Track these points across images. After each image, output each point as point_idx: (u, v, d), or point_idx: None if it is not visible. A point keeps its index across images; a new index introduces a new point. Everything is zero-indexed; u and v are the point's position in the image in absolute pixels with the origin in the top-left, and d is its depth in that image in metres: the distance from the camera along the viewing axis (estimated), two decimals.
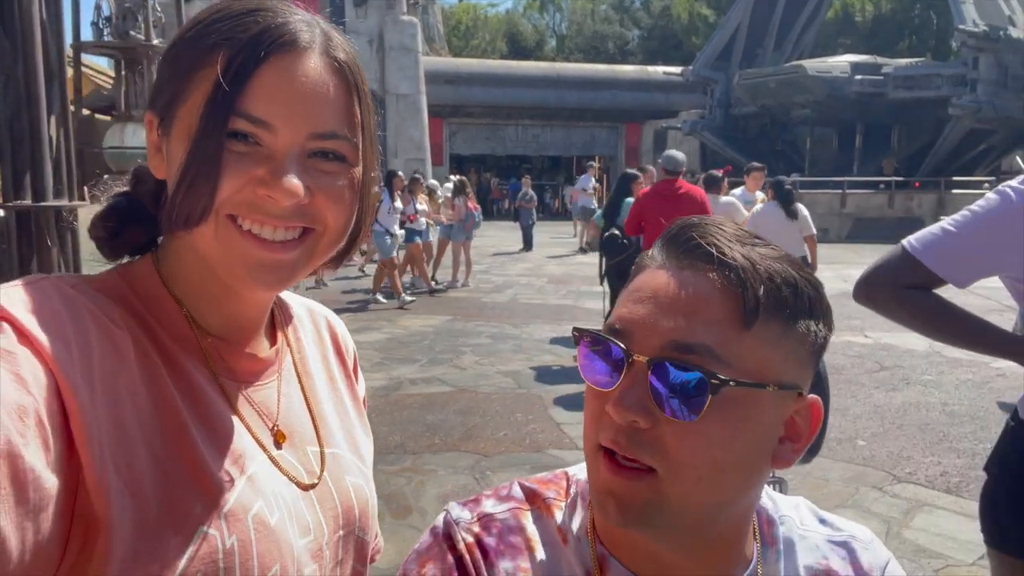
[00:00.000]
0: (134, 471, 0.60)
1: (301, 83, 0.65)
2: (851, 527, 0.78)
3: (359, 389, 0.92)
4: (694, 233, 0.64)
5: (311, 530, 0.73)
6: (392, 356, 7.11)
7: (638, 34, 52.62)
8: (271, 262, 0.67)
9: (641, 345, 0.61)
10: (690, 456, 0.60)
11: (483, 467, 4.40)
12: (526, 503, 0.74)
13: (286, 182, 0.64)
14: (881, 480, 4.27)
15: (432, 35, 33.30)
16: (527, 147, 31.67)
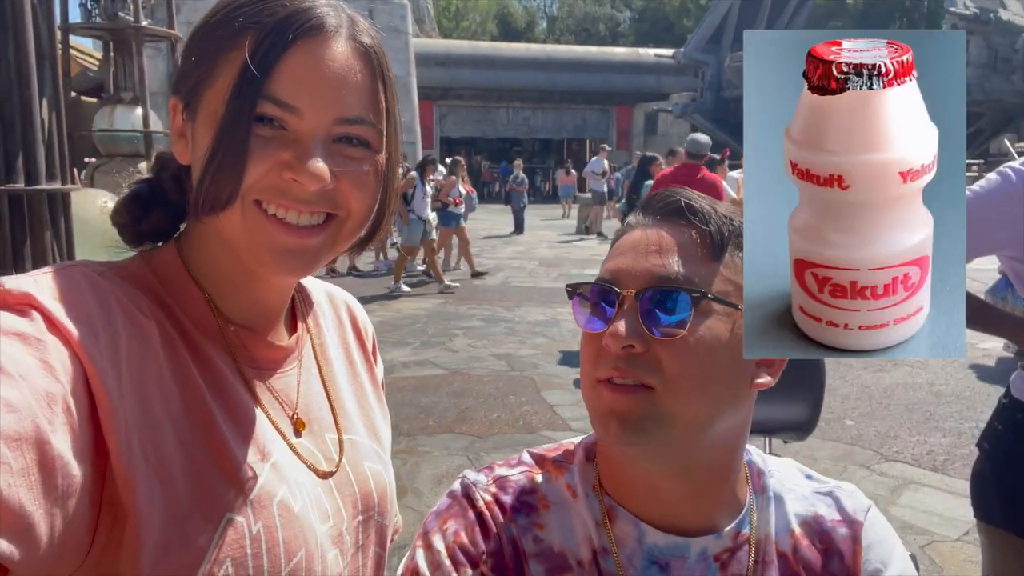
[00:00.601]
0: (162, 458, 0.61)
1: (328, 67, 0.65)
2: (834, 481, 0.84)
3: (378, 373, 0.92)
4: (665, 195, 0.75)
5: (330, 516, 0.74)
6: (385, 339, 7.13)
7: (629, 16, 52.34)
8: (296, 247, 0.67)
9: (627, 285, 0.70)
10: (682, 368, 0.68)
11: (477, 448, 4.45)
12: (536, 467, 0.79)
13: (312, 166, 0.64)
14: (869, 459, 4.34)
15: (422, 16, 33.02)
16: (518, 130, 31.56)
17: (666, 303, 0.68)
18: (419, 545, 0.75)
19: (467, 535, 0.73)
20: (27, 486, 0.50)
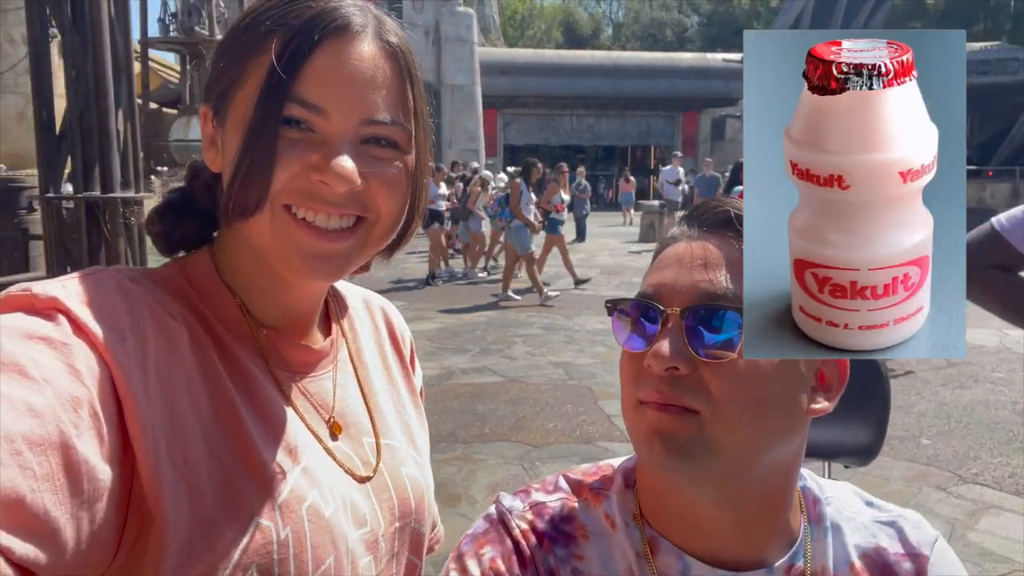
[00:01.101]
0: (190, 462, 0.61)
1: (354, 67, 0.65)
2: (898, 509, 0.78)
3: (416, 380, 0.91)
4: (711, 205, 0.70)
5: (367, 521, 0.73)
6: (445, 346, 7.17)
7: (697, 21, 51.63)
8: (326, 251, 0.66)
9: (671, 301, 0.65)
10: (731, 393, 0.63)
11: (532, 458, 4.41)
12: (573, 494, 0.75)
13: (340, 167, 0.63)
14: (945, 480, 4.12)
15: (488, 26, 33.33)
16: (581, 137, 31.47)
17: (713, 322, 0.63)
18: (453, 568, 0.72)
19: (504, 563, 0.70)
20: (52, 491, 0.50)
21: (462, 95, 25.00)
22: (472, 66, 25.15)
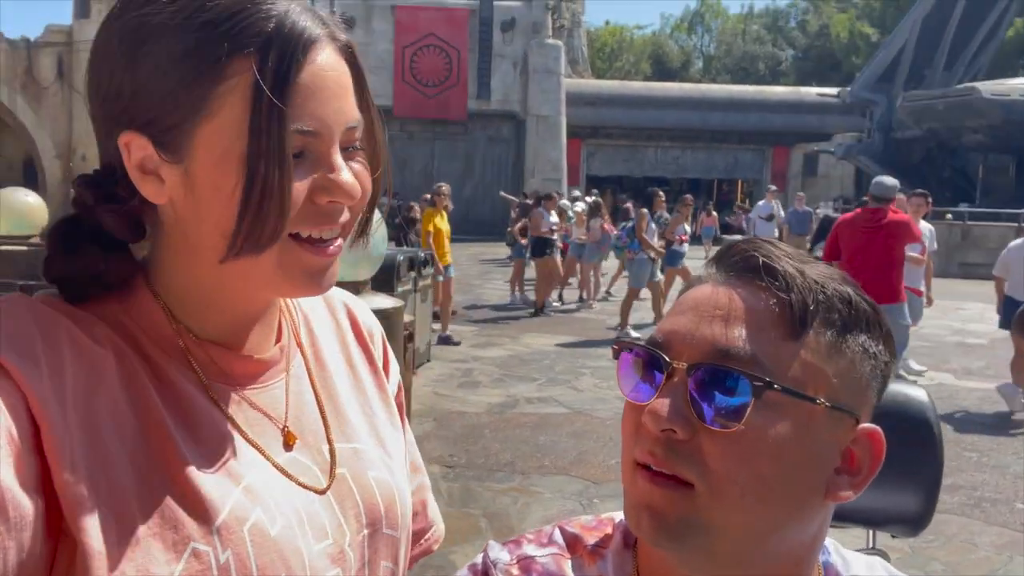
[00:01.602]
0: (116, 492, 0.59)
1: (329, 79, 0.63)
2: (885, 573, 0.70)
3: (390, 381, 0.87)
4: (742, 247, 0.63)
5: (329, 533, 0.70)
6: (511, 373, 7.14)
7: (792, 54, 50.61)
8: (329, 263, 0.67)
9: (680, 354, 0.59)
10: (733, 469, 0.56)
11: (591, 494, 4.29)
12: (567, 550, 0.70)
13: (347, 184, 0.64)
14: None
15: (576, 57, 33.61)
16: (666, 169, 31.10)
17: (724, 384, 0.56)
18: None
19: None
20: None
21: (547, 125, 25.22)
22: (558, 97, 25.36)
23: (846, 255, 5.74)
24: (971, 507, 4.29)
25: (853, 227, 5.76)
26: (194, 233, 0.65)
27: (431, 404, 5.98)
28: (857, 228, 5.72)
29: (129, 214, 0.66)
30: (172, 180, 0.63)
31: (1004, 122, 21.18)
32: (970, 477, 4.76)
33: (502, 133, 26.07)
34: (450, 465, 4.70)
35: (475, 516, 3.99)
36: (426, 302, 7.69)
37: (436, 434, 5.25)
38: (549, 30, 25.93)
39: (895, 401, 0.86)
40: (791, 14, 54.07)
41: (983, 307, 11.12)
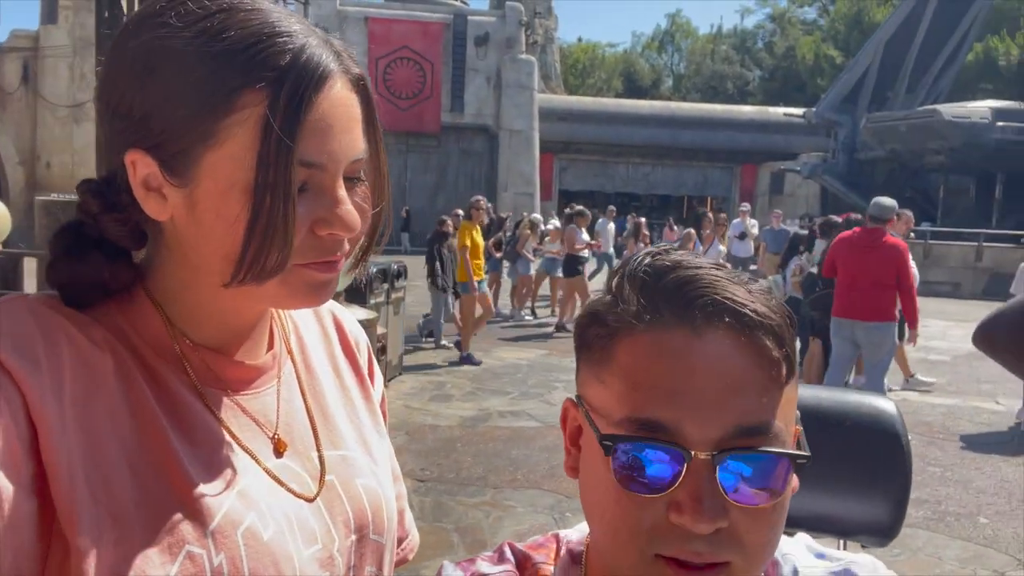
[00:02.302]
0: (113, 492, 0.59)
1: (339, 114, 0.64)
2: (849, 555, 0.72)
3: (375, 389, 0.88)
4: (701, 288, 0.57)
5: (319, 539, 0.71)
6: (484, 387, 7.13)
7: (759, 75, 51.58)
8: (331, 280, 0.68)
9: (696, 440, 0.54)
10: (769, 537, 0.58)
11: (563, 508, 4.29)
12: (518, 568, 0.71)
13: (350, 219, 0.64)
14: (1004, 564, 3.84)
15: (549, 73, 33.93)
16: (637, 185, 31.48)
17: (755, 469, 0.55)
18: None
19: None
20: None
21: (520, 140, 25.36)
22: (531, 112, 25.54)
23: (842, 273, 5.87)
24: (936, 521, 4.37)
25: (851, 246, 5.88)
26: (195, 253, 0.65)
27: (403, 417, 5.95)
28: (855, 247, 5.84)
29: (132, 223, 0.67)
30: (175, 201, 0.64)
31: (964, 144, 21.80)
32: (935, 491, 4.85)
33: (475, 146, 26.17)
34: (422, 479, 4.67)
35: (447, 530, 3.96)
36: (399, 315, 7.66)
37: (408, 448, 5.21)
38: (522, 45, 26.14)
39: (865, 413, 0.89)
40: (758, 35, 55.20)
41: (945, 324, 11.37)
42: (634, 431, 0.56)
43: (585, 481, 0.62)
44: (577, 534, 0.73)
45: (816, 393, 0.95)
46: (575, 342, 0.65)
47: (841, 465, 0.88)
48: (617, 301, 0.60)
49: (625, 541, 0.57)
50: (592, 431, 0.59)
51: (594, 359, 0.61)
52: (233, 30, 0.61)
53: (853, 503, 0.90)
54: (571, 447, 0.66)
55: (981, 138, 21.58)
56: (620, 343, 0.58)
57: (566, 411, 0.67)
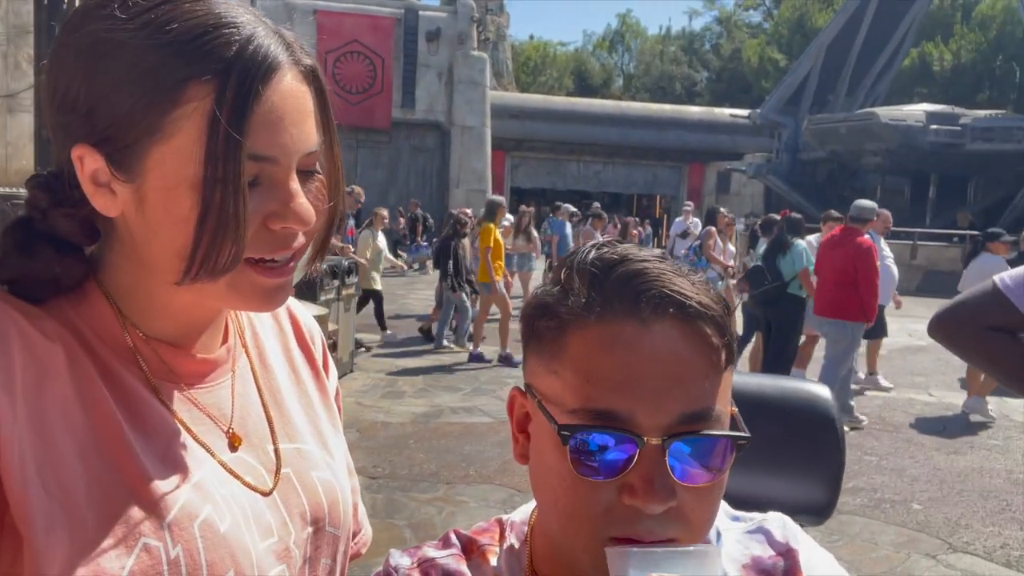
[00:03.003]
0: (65, 485, 0.59)
1: (290, 106, 0.63)
2: (760, 515, 0.78)
3: (330, 383, 0.89)
4: (649, 281, 0.60)
5: (274, 531, 0.71)
6: (436, 384, 7.12)
7: (706, 76, 52.52)
8: (284, 283, 0.67)
9: (648, 426, 0.58)
10: (709, 513, 0.62)
11: (516, 502, 4.33)
12: (463, 551, 0.74)
13: (304, 213, 0.64)
14: (935, 548, 4.03)
15: (501, 70, 33.90)
16: (588, 183, 31.70)
17: (701, 451, 0.59)
18: None
19: None
20: None
21: (472, 136, 25.31)
22: (483, 109, 25.50)
23: (821, 271, 6.15)
24: (872, 508, 4.56)
25: (831, 245, 6.17)
26: (146, 250, 0.65)
27: (355, 415, 5.91)
28: (834, 246, 6.10)
29: (83, 218, 0.66)
30: (124, 196, 0.63)
31: (900, 146, 22.60)
32: (871, 480, 5.05)
33: (427, 143, 26.01)
34: (374, 476, 4.65)
35: (399, 527, 3.97)
36: (349, 311, 7.59)
37: (359, 445, 5.19)
38: (474, 42, 26.07)
39: (801, 399, 0.94)
40: (706, 37, 56.20)
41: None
42: (589, 420, 0.58)
43: (536, 468, 0.65)
44: (520, 515, 0.76)
45: (758, 381, 1.00)
46: (523, 332, 0.68)
47: (780, 448, 0.93)
48: (567, 293, 0.62)
49: (579, 525, 0.60)
50: (545, 420, 0.62)
51: (545, 351, 0.63)
52: (178, 21, 0.60)
53: (791, 484, 0.95)
54: (518, 435, 0.68)
55: (916, 140, 22.41)
56: (572, 335, 0.61)
57: (513, 399, 0.69)
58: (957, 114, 23.38)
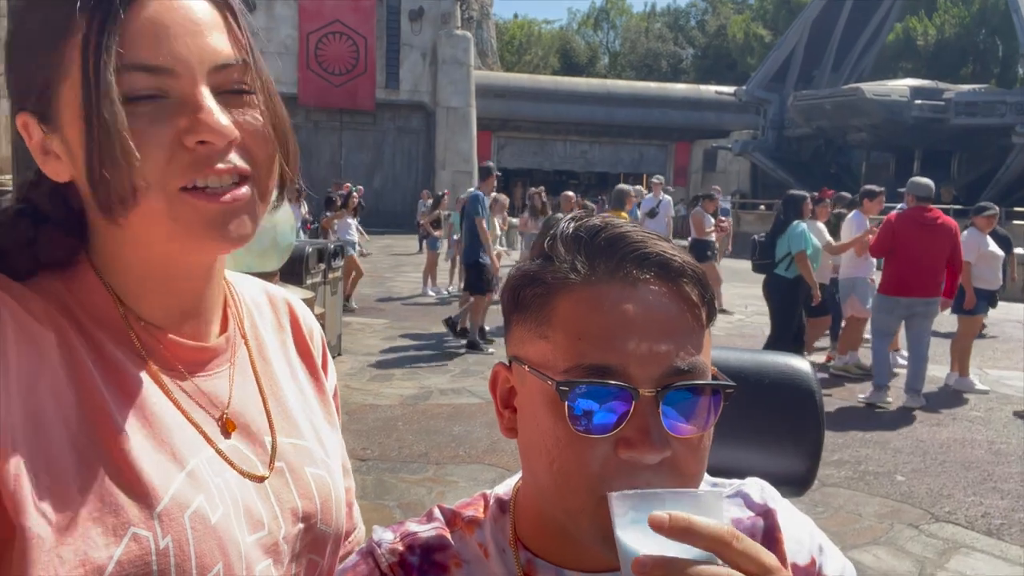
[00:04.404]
0: (55, 474, 0.58)
1: (179, 16, 0.60)
2: (738, 481, 0.80)
3: (328, 379, 0.88)
4: (632, 243, 0.63)
5: (264, 524, 0.70)
6: (425, 365, 7.13)
7: (692, 53, 52.36)
8: (232, 209, 0.63)
9: (641, 379, 0.59)
10: (700, 466, 0.63)
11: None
12: (447, 525, 0.74)
13: (215, 122, 0.60)
14: (918, 518, 4.10)
15: (485, 49, 33.64)
16: (574, 163, 31.67)
17: (693, 401, 0.61)
18: None
19: None
20: None
21: (457, 117, 25.14)
22: (468, 88, 25.32)
23: (914, 253, 6.00)
24: (856, 480, 4.62)
25: (914, 224, 6.07)
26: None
27: (344, 397, 5.89)
28: (919, 226, 6.04)
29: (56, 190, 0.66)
30: (61, 153, 0.62)
31: (885, 121, 22.69)
32: (855, 453, 5.12)
33: (411, 124, 25.83)
34: (363, 458, 4.67)
35: (389, 507, 3.99)
36: (336, 294, 7.57)
37: (348, 428, 5.19)
38: (458, 20, 25.83)
39: (782, 372, 0.95)
40: (691, 13, 55.98)
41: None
42: (584, 376, 0.59)
43: (527, 437, 0.66)
44: (503, 488, 0.77)
45: (739, 356, 1.00)
46: (507, 306, 0.68)
47: (760, 421, 0.94)
48: (552, 260, 0.64)
49: (576, 483, 0.61)
50: (535, 386, 0.63)
51: (533, 317, 0.64)
52: None
53: (771, 456, 0.96)
54: (503, 410, 0.69)
55: (900, 115, 22.49)
56: (560, 299, 0.62)
57: (496, 375, 0.70)
58: (941, 88, 23.48)
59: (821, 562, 0.74)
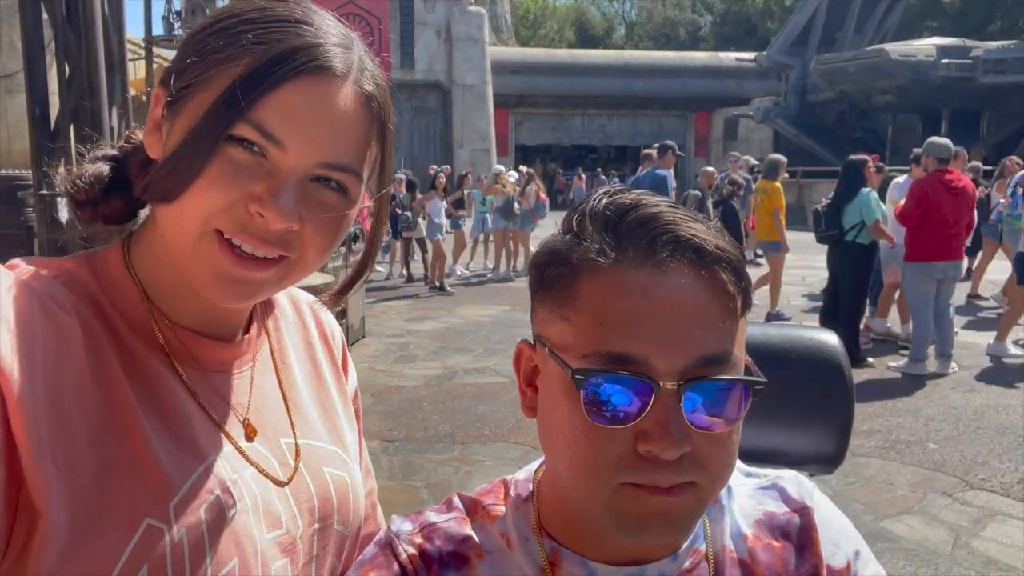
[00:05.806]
0: (73, 464, 0.58)
1: (325, 110, 0.63)
2: (774, 471, 0.77)
3: (348, 381, 0.89)
4: (664, 225, 0.58)
5: (283, 523, 0.71)
6: (448, 345, 7.14)
7: (710, 20, 51.40)
8: (242, 277, 0.65)
9: (663, 371, 0.56)
10: (728, 458, 0.60)
11: (531, 459, 4.33)
12: (467, 514, 0.72)
13: (283, 209, 0.62)
14: (952, 486, 4.03)
15: (499, 25, 33.33)
16: (593, 137, 31.41)
17: (718, 396, 0.57)
18: None
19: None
20: None
21: (473, 94, 24.99)
22: (483, 65, 25.14)
23: (947, 217, 5.87)
24: (887, 449, 4.56)
25: (944, 189, 5.89)
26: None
27: (368, 380, 5.95)
28: (948, 190, 5.89)
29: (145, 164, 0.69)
30: (164, 135, 0.66)
31: (911, 82, 22.17)
32: (886, 422, 5.04)
33: (428, 104, 25.73)
34: (389, 439, 4.70)
35: (417, 488, 4.01)
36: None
37: (374, 409, 5.23)
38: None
39: (808, 347, 0.91)
40: None
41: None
42: (603, 365, 0.56)
43: (546, 419, 0.63)
44: (524, 474, 0.74)
45: (764, 331, 0.97)
46: (533, 283, 0.65)
47: (788, 399, 0.90)
48: (580, 239, 0.60)
49: (592, 473, 0.58)
50: (556, 369, 0.60)
51: (556, 297, 0.61)
52: (275, 9, 0.66)
53: (799, 434, 0.92)
54: (526, 388, 0.67)
55: (926, 75, 21.98)
56: (584, 280, 0.59)
57: (520, 353, 0.67)
58: (968, 47, 22.86)
59: (856, 568, 0.71)
